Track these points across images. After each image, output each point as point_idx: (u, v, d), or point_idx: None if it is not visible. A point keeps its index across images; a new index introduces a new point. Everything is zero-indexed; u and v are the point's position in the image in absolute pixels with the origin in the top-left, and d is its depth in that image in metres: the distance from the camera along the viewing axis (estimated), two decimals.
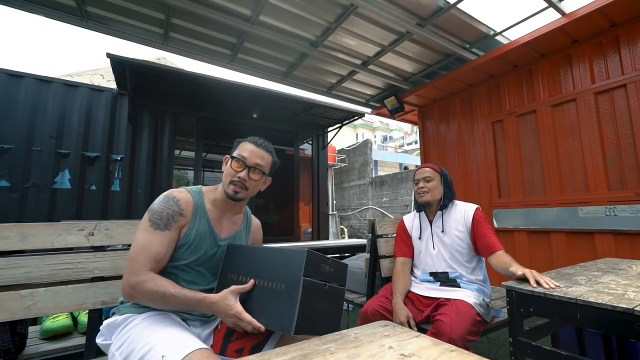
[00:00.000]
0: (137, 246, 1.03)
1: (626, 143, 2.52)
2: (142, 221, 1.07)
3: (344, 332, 0.75)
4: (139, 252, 1.02)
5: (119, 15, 2.86)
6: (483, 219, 1.71)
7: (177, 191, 1.14)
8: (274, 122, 5.73)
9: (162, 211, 1.07)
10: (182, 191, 1.15)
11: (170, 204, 1.09)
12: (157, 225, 1.05)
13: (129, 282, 0.99)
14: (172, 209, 1.08)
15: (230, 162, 1.18)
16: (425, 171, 1.83)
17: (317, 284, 0.97)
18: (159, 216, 1.06)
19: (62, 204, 3.89)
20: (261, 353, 0.64)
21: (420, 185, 1.81)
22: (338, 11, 2.79)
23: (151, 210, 1.07)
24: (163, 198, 1.10)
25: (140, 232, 1.05)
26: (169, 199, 1.10)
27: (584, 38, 2.77)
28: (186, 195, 1.14)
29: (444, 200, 1.79)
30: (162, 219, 1.06)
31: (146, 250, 1.02)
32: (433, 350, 0.64)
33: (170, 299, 0.97)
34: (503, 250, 1.58)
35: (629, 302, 0.94)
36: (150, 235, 1.03)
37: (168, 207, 1.08)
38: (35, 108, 3.87)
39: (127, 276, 1.00)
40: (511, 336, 1.21)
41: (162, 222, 1.05)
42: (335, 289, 1.04)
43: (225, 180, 1.18)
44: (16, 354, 1.31)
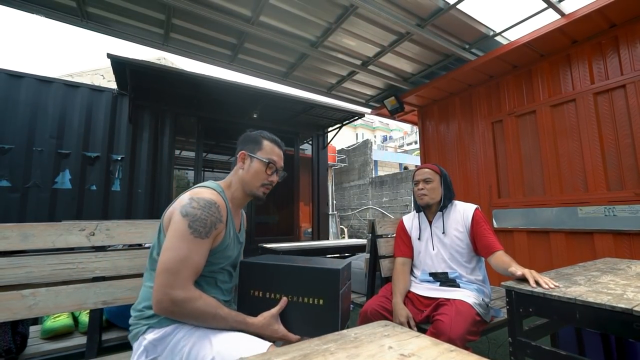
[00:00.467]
0: (179, 257, 0.94)
1: (625, 143, 2.52)
2: (179, 227, 0.97)
3: (344, 332, 0.76)
4: (182, 263, 0.94)
5: (119, 15, 2.86)
6: (482, 219, 1.72)
7: (212, 194, 1.06)
8: (274, 122, 5.74)
9: (206, 219, 1.00)
10: (214, 194, 1.08)
11: (213, 210, 1.02)
12: (200, 234, 0.98)
13: (172, 298, 0.91)
14: (215, 216, 1.03)
15: (265, 167, 1.19)
16: (425, 172, 1.82)
17: (343, 291, 1.08)
18: (202, 224, 0.98)
19: (62, 204, 3.89)
20: (262, 353, 0.65)
21: (420, 186, 1.80)
22: (338, 12, 2.80)
23: (192, 216, 0.98)
24: (205, 204, 1.02)
25: (179, 240, 0.96)
26: (211, 204, 1.03)
27: (584, 39, 2.78)
28: (220, 199, 1.09)
29: (444, 201, 1.79)
30: (206, 227, 0.99)
31: (190, 262, 0.95)
32: (433, 350, 0.65)
33: (220, 320, 0.96)
34: (502, 250, 1.58)
35: (628, 302, 0.94)
36: (192, 245, 0.96)
37: (212, 214, 1.02)
38: (35, 108, 3.88)
39: (169, 290, 0.91)
40: (511, 336, 1.21)
41: (204, 231, 0.99)
42: (349, 286, 1.19)
43: (255, 182, 1.18)
44: (17, 354, 1.31)
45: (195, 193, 1.04)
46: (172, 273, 0.92)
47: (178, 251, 0.95)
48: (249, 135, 1.26)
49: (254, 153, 1.21)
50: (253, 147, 1.22)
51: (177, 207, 1.02)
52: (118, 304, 1.31)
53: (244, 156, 1.20)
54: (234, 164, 1.23)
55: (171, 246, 0.96)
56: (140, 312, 1.02)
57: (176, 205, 1.03)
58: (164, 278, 0.92)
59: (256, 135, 1.25)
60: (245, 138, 1.25)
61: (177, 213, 1.00)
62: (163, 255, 0.95)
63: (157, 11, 2.83)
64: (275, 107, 5.26)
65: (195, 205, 1.00)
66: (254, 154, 1.20)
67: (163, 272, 0.93)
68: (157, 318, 0.98)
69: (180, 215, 0.98)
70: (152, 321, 0.99)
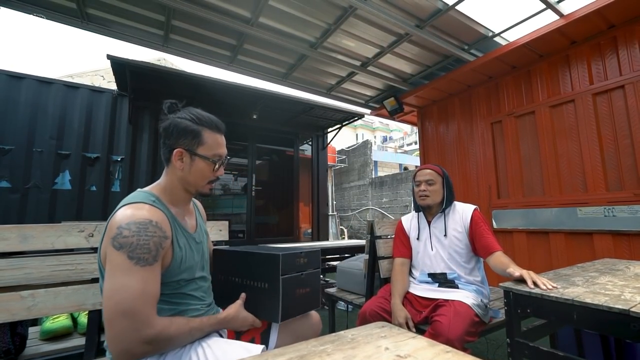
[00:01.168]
0: (133, 294, 0.80)
1: (624, 144, 2.52)
2: (118, 263, 0.82)
3: (341, 333, 0.76)
4: (139, 300, 0.80)
5: (119, 17, 2.87)
6: (481, 220, 1.72)
7: (143, 211, 0.89)
8: (273, 123, 5.75)
9: (147, 242, 0.84)
10: (146, 208, 0.91)
11: (151, 230, 0.86)
12: (146, 261, 0.84)
13: (144, 339, 0.80)
14: (157, 235, 0.87)
15: (212, 166, 1.05)
16: (428, 173, 1.81)
17: (294, 276, 1.13)
18: (145, 250, 0.84)
19: (62, 205, 3.90)
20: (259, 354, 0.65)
21: (422, 187, 1.79)
22: (337, 13, 2.81)
23: (129, 247, 0.82)
24: (139, 227, 0.85)
25: (124, 276, 0.81)
26: (146, 224, 0.86)
27: (582, 39, 2.79)
28: (155, 211, 0.92)
29: (446, 203, 1.78)
30: (151, 252, 0.85)
31: (147, 295, 0.82)
32: (429, 351, 0.65)
33: (196, 332, 0.93)
34: (501, 251, 1.58)
35: (625, 303, 0.94)
36: (142, 275, 0.82)
37: (152, 234, 0.86)
38: (35, 109, 3.89)
39: (137, 333, 0.79)
40: (509, 337, 1.21)
41: (150, 256, 0.85)
42: (311, 274, 1.20)
43: (200, 182, 1.04)
44: (16, 355, 1.31)
45: (122, 219, 0.86)
46: (133, 315, 0.79)
47: (128, 289, 0.80)
48: (179, 123, 1.01)
49: (195, 149, 1.01)
50: (191, 141, 1.01)
51: (107, 241, 0.85)
52: None
53: (180, 154, 1.01)
54: (167, 161, 1.04)
55: (118, 286, 0.80)
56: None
57: (107, 238, 0.86)
58: (124, 324, 0.78)
59: (189, 123, 1.02)
60: (176, 128, 1.01)
61: (110, 249, 0.83)
62: (111, 300, 0.79)
63: (156, 12, 2.84)
64: (275, 108, 5.26)
65: (126, 234, 0.83)
66: (195, 150, 1.01)
67: (120, 317, 0.78)
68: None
69: (115, 250, 0.82)
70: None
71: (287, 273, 1.09)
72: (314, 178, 6.41)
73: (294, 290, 1.12)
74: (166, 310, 0.94)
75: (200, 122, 1.03)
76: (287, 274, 1.09)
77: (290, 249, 1.19)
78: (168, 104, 1.06)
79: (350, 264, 2.55)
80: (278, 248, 1.25)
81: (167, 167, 1.05)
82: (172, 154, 1.01)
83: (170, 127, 1.01)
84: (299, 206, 6.27)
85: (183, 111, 1.05)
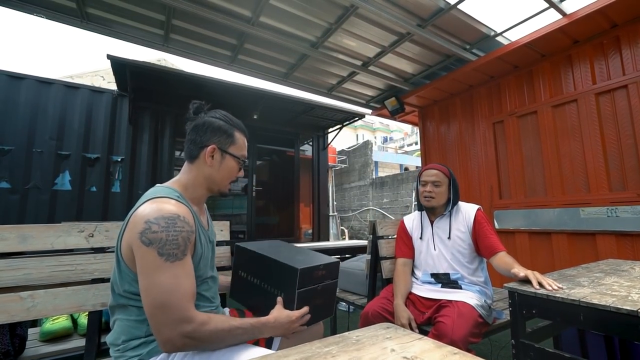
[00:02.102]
0: (166, 290, 0.82)
1: (627, 144, 2.51)
2: (148, 260, 0.83)
3: (346, 335, 0.74)
4: (173, 295, 0.82)
5: (119, 16, 2.86)
6: (484, 220, 1.70)
7: (170, 205, 0.90)
8: (274, 124, 5.73)
9: (176, 237, 0.85)
10: (172, 202, 0.91)
11: (179, 225, 0.87)
12: (176, 257, 0.85)
13: (182, 333, 0.81)
14: (185, 229, 0.88)
15: (239, 165, 1.09)
16: (434, 174, 1.76)
17: (311, 289, 1.09)
18: (174, 245, 0.84)
19: (62, 206, 3.88)
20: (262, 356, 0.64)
21: (427, 189, 1.76)
22: (338, 12, 2.79)
23: (158, 242, 0.83)
24: (168, 222, 0.86)
25: (156, 273, 0.82)
26: (174, 219, 0.87)
27: (585, 39, 2.77)
28: (181, 206, 0.93)
29: (452, 205, 1.75)
30: (180, 247, 0.86)
31: (182, 290, 0.83)
32: (435, 353, 0.64)
33: (236, 331, 0.89)
34: (505, 251, 1.57)
35: (633, 303, 0.93)
36: (172, 273, 0.83)
37: (180, 229, 0.87)
38: (35, 109, 3.87)
39: (175, 326, 0.81)
40: (513, 338, 1.20)
41: (179, 251, 0.86)
42: (327, 285, 1.16)
43: (226, 181, 1.08)
44: (15, 356, 1.30)
45: (150, 213, 0.86)
46: (169, 309, 0.81)
47: (162, 286, 0.82)
48: (213, 122, 1.05)
49: (227, 148, 1.05)
50: (225, 140, 1.05)
51: (134, 236, 0.84)
52: None
53: (213, 151, 1.03)
54: (193, 157, 1.04)
55: (151, 284, 0.82)
56: (123, 345, 0.91)
57: (132, 233, 0.85)
58: (161, 317, 0.81)
59: (223, 123, 1.06)
60: (210, 127, 1.05)
61: (138, 244, 0.83)
62: (148, 296, 0.82)
63: (157, 12, 2.83)
64: (276, 108, 5.25)
65: (155, 229, 0.83)
66: (227, 149, 1.05)
67: (157, 310, 0.81)
68: (147, 347, 0.90)
69: (144, 246, 0.82)
70: (142, 351, 0.89)
71: (303, 286, 1.06)
72: (314, 178, 6.40)
73: (309, 301, 1.08)
74: None
75: (233, 123, 1.09)
76: (303, 287, 1.06)
77: (310, 259, 1.15)
78: (196, 105, 1.10)
79: (351, 265, 2.54)
80: (299, 250, 1.23)
81: (192, 164, 1.05)
82: (204, 151, 1.03)
83: (204, 125, 1.05)
84: (299, 207, 6.26)
85: (212, 112, 1.10)
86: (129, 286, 0.90)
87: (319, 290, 1.12)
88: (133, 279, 0.88)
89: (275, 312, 1.00)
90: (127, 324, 0.91)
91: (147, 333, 0.91)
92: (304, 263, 1.08)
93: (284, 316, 0.99)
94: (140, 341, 0.90)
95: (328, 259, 1.18)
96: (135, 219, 0.87)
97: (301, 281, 1.04)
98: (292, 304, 1.04)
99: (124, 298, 0.91)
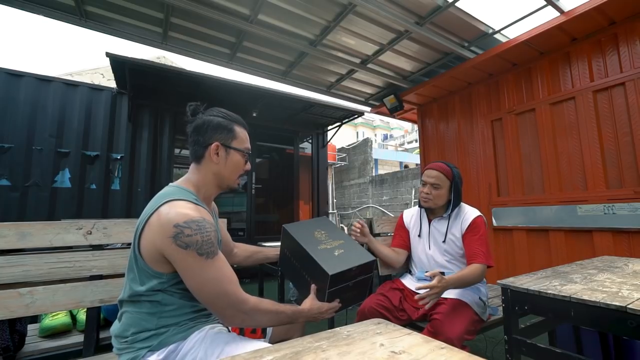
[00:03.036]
0: (218, 281, 0.91)
1: (625, 141, 2.52)
2: (189, 261, 0.89)
3: (337, 330, 0.76)
4: (222, 283, 0.92)
5: (118, 14, 2.86)
6: (478, 228, 1.63)
7: (192, 210, 0.94)
8: (273, 121, 5.73)
9: (208, 237, 0.92)
10: (192, 207, 0.95)
11: (207, 227, 0.93)
12: (213, 253, 0.93)
13: (242, 311, 0.93)
14: (211, 229, 0.94)
15: (244, 158, 1.12)
16: (435, 176, 1.69)
17: (342, 287, 1.15)
18: (208, 244, 0.92)
19: (62, 203, 3.90)
20: (254, 350, 0.65)
21: (425, 190, 1.71)
22: (337, 10, 2.79)
23: (195, 245, 0.89)
24: (198, 226, 0.91)
25: (201, 270, 0.90)
26: (201, 222, 0.92)
27: (583, 36, 2.77)
28: (201, 210, 0.97)
29: (452, 207, 1.70)
30: (213, 245, 0.93)
31: (227, 278, 0.93)
32: (423, 347, 0.65)
33: (281, 315, 1.01)
34: (482, 264, 1.50)
35: (622, 299, 0.94)
36: (215, 266, 0.92)
37: (208, 230, 0.93)
38: (35, 107, 3.88)
39: (236, 308, 0.92)
40: (506, 334, 1.21)
41: (214, 249, 0.93)
42: (361, 280, 1.22)
43: (234, 175, 1.11)
44: (15, 352, 1.32)
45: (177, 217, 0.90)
46: (225, 296, 0.92)
47: (213, 280, 0.91)
48: (212, 120, 1.08)
49: (230, 144, 1.08)
50: (226, 136, 1.08)
51: (165, 240, 0.88)
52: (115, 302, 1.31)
53: (217, 148, 1.06)
54: (199, 158, 1.07)
55: (203, 281, 0.91)
56: (132, 337, 0.94)
57: (161, 236, 0.89)
58: (222, 303, 0.92)
59: (221, 120, 1.09)
60: (210, 125, 1.07)
61: (173, 248, 0.88)
62: (202, 291, 0.91)
63: (155, 10, 2.83)
64: (275, 105, 5.25)
65: (189, 232, 0.89)
66: (230, 144, 1.08)
67: (217, 299, 0.92)
68: (158, 339, 0.94)
69: (182, 249, 0.88)
70: (152, 343, 0.93)
71: (335, 286, 1.12)
72: (314, 176, 6.40)
73: (340, 295, 1.16)
74: (188, 306, 0.99)
75: (231, 119, 1.12)
76: (334, 286, 1.12)
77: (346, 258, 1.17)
78: (192, 107, 1.11)
79: None
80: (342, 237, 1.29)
81: (199, 164, 1.08)
82: (209, 149, 1.06)
83: (204, 125, 1.07)
84: (299, 204, 6.27)
85: (209, 110, 1.12)
86: (147, 281, 0.94)
87: (350, 286, 1.19)
88: (151, 275, 0.93)
89: (308, 303, 1.12)
90: (138, 316, 0.95)
91: (158, 325, 0.94)
92: (336, 267, 1.12)
93: (315, 307, 1.10)
94: (150, 333, 0.94)
95: (365, 257, 1.20)
96: (160, 221, 0.90)
97: (332, 283, 1.10)
98: (323, 296, 1.12)
99: (137, 294, 0.94)
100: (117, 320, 1.01)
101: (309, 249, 1.18)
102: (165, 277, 0.94)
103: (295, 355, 0.62)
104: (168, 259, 0.91)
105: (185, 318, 0.98)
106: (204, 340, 0.96)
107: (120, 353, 0.96)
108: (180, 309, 0.97)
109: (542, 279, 1.26)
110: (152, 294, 0.94)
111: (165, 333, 0.95)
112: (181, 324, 0.97)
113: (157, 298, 0.94)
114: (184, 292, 0.97)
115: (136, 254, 0.95)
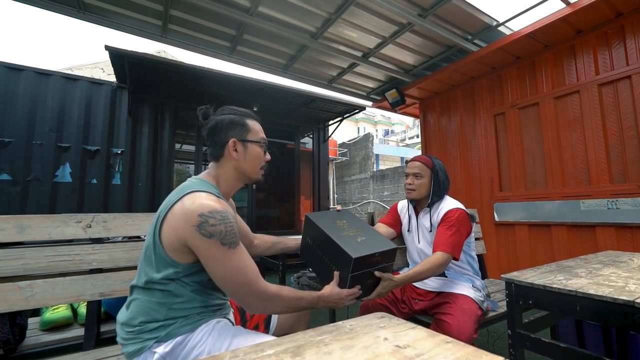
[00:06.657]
0: (240, 271, 0.94)
1: (629, 135, 2.49)
2: (214, 250, 0.92)
3: (340, 324, 0.74)
4: (244, 272, 0.95)
5: (116, 7, 2.83)
6: (449, 218, 1.58)
7: (215, 202, 0.96)
8: (274, 116, 5.70)
9: (231, 228, 0.95)
10: (214, 199, 0.98)
11: (229, 218, 0.96)
12: (235, 243, 0.95)
13: (264, 299, 0.97)
14: (233, 221, 0.97)
15: (262, 149, 1.14)
16: (417, 166, 1.69)
17: (364, 272, 1.16)
18: (231, 234, 0.94)
19: (63, 198, 3.89)
20: (255, 344, 0.64)
21: (408, 181, 1.71)
22: (338, 2, 2.75)
23: (219, 234, 0.92)
24: (222, 216, 0.94)
25: (224, 259, 0.93)
26: (223, 213, 0.95)
27: (589, 28, 2.73)
28: (222, 202, 0.99)
29: (432, 197, 1.67)
30: (235, 236, 0.96)
31: (249, 267, 0.96)
32: (428, 341, 0.64)
33: (302, 301, 1.04)
34: (444, 253, 1.45)
35: (630, 294, 0.93)
36: (237, 256, 0.95)
37: (230, 221, 0.96)
38: (35, 101, 3.86)
39: (258, 296, 0.96)
40: (510, 328, 1.20)
41: (236, 239, 0.96)
42: (382, 267, 1.22)
43: (255, 167, 1.13)
44: (16, 345, 1.31)
45: (201, 207, 0.93)
46: (247, 285, 0.95)
47: (235, 269, 0.94)
48: (224, 119, 1.10)
49: (246, 137, 1.11)
50: (241, 130, 1.10)
51: (189, 228, 0.91)
52: (116, 295, 1.31)
53: (234, 144, 1.09)
54: (219, 157, 1.10)
55: (227, 270, 0.93)
56: (139, 327, 0.95)
57: (186, 225, 0.92)
58: (245, 291, 0.95)
59: (233, 116, 1.12)
60: (223, 124, 1.10)
61: (198, 237, 0.91)
62: (225, 280, 0.94)
63: (154, 2, 2.80)
64: (276, 100, 5.22)
65: (213, 222, 0.92)
66: (246, 138, 1.10)
67: (241, 288, 0.95)
68: (165, 330, 0.94)
69: (205, 238, 0.91)
70: (160, 334, 0.94)
71: (357, 270, 1.12)
72: (315, 171, 6.38)
73: (361, 281, 1.17)
74: (198, 300, 1.00)
75: (242, 113, 1.14)
76: (357, 271, 1.12)
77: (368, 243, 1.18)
78: (202, 111, 1.13)
79: None
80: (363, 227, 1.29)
81: (218, 162, 1.11)
82: (227, 147, 1.09)
83: (217, 125, 1.10)
84: (300, 199, 6.26)
85: (219, 110, 1.14)
86: (162, 269, 0.95)
87: (372, 273, 1.20)
88: (169, 263, 0.95)
89: (328, 289, 1.11)
90: (148, 305, 0.95)
91: (167, 317, 0.95)
92: (359, 251, 1.12)
93: (335, 293, 1.10)
94: (159, 324, 0.95)
95: (386, 245, 1.21)
96: (184, 210, 0.93)
97: (355, 267, 1.10)
98: (345, 283, 1.13)
99: (152, 280, 0.96)
100: (125, 308, 1.01)
101: (332, 235, 1.19)
102: (182, 266, 0.95)
103: (298, 349, 0.61)
104: (190, 247, 0.93)
105: (193, 312, 0.99)
106: (212, 333, 0.98)
107: (125, 343, 0.95)
108: (190, 302, 0.98)
109: (547, 273, 1.25)
110: (166, 283, 0.95)
111: (173, 325, 0.96)
112: (189, 317, 0.98)
113: (170, 288, 0.96)
114: (196, 285, 0.99)
115: (156, 241, 0.96)
